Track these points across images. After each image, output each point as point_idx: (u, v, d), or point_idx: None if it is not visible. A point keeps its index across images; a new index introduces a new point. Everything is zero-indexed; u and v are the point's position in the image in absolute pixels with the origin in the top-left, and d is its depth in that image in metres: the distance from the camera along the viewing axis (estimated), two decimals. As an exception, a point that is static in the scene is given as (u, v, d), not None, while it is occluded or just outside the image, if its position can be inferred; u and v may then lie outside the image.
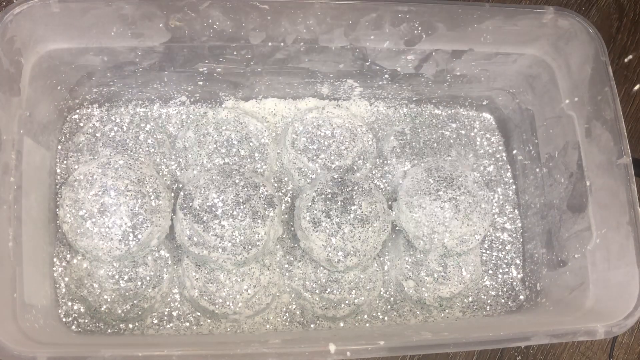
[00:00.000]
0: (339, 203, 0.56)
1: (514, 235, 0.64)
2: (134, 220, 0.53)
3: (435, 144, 0.63)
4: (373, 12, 0.54)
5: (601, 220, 0.53)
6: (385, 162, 0.63)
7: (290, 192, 0.62)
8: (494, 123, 0.68)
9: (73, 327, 0.55)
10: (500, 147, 0.67)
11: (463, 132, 0.65)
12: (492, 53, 0.59)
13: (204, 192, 0.54)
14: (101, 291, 0.54)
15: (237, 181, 0.55)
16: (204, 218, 0.53)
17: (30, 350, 0.42)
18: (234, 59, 0.57)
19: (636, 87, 0.64)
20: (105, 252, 0.53)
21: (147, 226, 0.53)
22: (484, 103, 0.67)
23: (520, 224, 0.65)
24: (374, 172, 0.63)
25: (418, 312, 0.60)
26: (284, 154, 0.61)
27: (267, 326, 0.58)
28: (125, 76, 0.58)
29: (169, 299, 0.57)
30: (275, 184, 0.62)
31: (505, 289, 0.63)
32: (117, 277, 0.54)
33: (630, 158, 0.51)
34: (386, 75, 0.62)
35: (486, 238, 0.64)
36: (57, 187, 0.58)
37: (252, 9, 0.52)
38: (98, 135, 0.59)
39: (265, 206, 0.55)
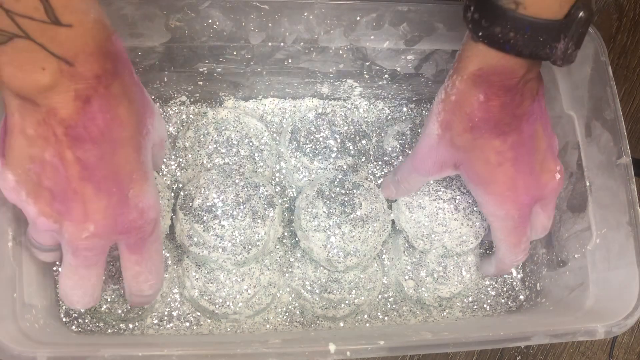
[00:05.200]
0: (339, 203, 0.56)
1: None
2: None
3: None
4: (373, 12, 0.54)
5: (601, 220, 0.53)
6: (385, 162, 0.63)
7: (291, 192, 0.62)
8: (494, 123, 0.68)
9: (73, 327, 0.55)
10: (500, 147, 0.67)
11: (463, 132, 0.65)
12: (492, 53, 0.59)
13: (204, 192, 0.54)
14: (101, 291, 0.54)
15: (237, 181, 0.55)
16: (204, 218, 0.53)
17: (30, 350, 0.42)
18: (234, 59, 0.57)
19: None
20: None
21: None
22: (484, 103, 0.67)
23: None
24: (374, 173, 0.63)
25: (418, 312, 0.60)
26: (284, 153, 0.61)
27: (267, 326, 0.58)
28: (125, 76, 0.58)
29: (169, 299, 0.57)
30: (276, 184, 0.62)
31: (505, 289, 0.63)
32: (117, 276, 0.54)
33: (630, 158, 0.51)
34: (386, 75, 0.62)
35: (486, 238, 0.64)
36: (57, 187, 0.58)
37: (252, 9, 0.52)
38: (98, 135, 0.59)
39: (266, 206, 0.55)
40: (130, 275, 0.45)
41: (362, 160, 0.61)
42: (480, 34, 0.41)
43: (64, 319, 0.55)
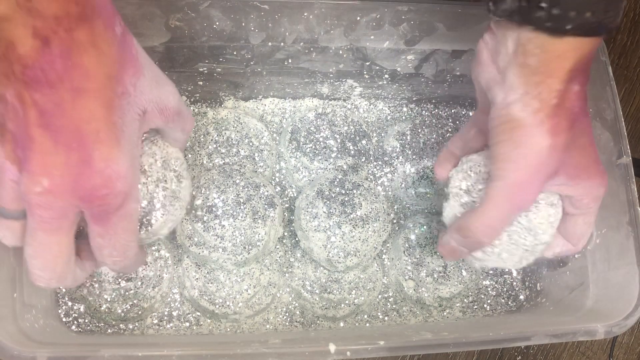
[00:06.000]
0: (339, 203, 0.56)
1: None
2: (148, 206, 0.45)
3: (435, 144, 0.63)
4: (373, 12, 0.54)
5: (601, 220, 0.53)
6: (385, 162, 0.63)
7: (291, 192, 0.62)
8: (494, 123, 0.68)
9: (73, 327, 0.55)
10: (500, 147, 0.67)
11: (463, 132, 0.65)
12: (492, 53, 0.59)
13: (204, 192, 0.54)
14: (101, 291, 0.54)
15: (237, 181, 0.55)
16: (205, 218, 0.53)
17: (30, 350, 0.42)
18: (234, 59, 0.57)
19: None
20: None
21: (162, 214, 0.47)
22: (484, 103, 0.67)
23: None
24: (374, 173, 0.63)
25: (418, 312, 0.60)
26: (284, 153, 0.61)
27: (267, 326, 0.58)
28: (125, 76, 0.58)
29: (169, 299, 0.57)
30: (276, 184, 0.62)
31: (505, 289, 0.63)
32: (117, 276, 0.54)
33: (630, 158, 0.52)
34: (386, 75, 0.62)
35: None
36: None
37: (252, 9, 0.52)
38: (98, 135, 0.59)
39: (266, 206, 0.55)
40: (94, 246, 0.41)
41: (362, 160, 0.61)
42: (568, 27, 0.37)
43: (64, 319, 0.55)
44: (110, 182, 0.37)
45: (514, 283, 0.63)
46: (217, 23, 0.53)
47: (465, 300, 0.61)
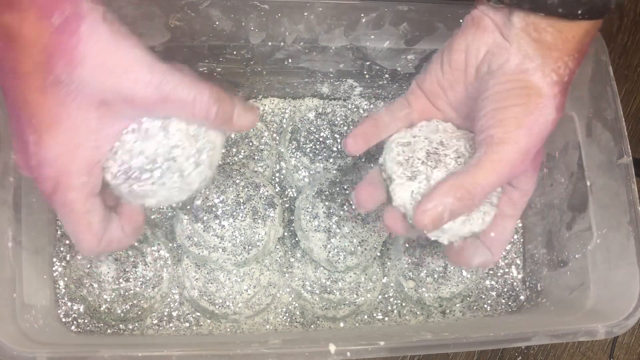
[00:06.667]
0: (339, 203, 0.56)
1: (515, 235, 0.64)
2: (149, 165, 0.40)
3: (435, 144, 0.63)
4: (373, 12, 0.53)
5: (602, 220, 0.53)
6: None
7: (291, 192, 0.62)
8: (494, 123, 0.68)
9: (73, 327, 0.55)
10: (500, 147, 0.67)
11: (463, 132, 0.65)
12: (493, 53, 0.59)
13: (204, 192, 0.54)
14: (101, 291, 0.54)
15: (237, 181, 0.55)
16: (205, 218, 0.53)
17: (30, 350, 0.42)
18: (234, 58, 0.57)
19: None
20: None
21: (152, 183, 0.41)
22: (484, 103, 0.67)
23: (520, 224, 0.65)
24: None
25: (418, 312, 0.60)
26: (284, 153, 0.61)
27: (267, 326, 0.58)
28: (125, 76, 0.58)
29: (168, 299, 0.57)
30: (276, 184, 0.61)
31: (505, 289, 0.63)
32: (116, 276, 0.54)
33: (631, 158, 0.51)
34: (386, 75, 0.62)
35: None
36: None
37: (252, 8, 0.52)
38: (98, 135, 0.58)
39: (266, 206, 0.55)
40: None
41: (363, 160, 0.61)
42: (579, 11, 0.39)
43: (63, 319, 0.55)
44: (40, 167, 0.38)
45: (515, 283, 0.63)
46: (217, 23, 0.53)
47: (465, 300, 0.61)
